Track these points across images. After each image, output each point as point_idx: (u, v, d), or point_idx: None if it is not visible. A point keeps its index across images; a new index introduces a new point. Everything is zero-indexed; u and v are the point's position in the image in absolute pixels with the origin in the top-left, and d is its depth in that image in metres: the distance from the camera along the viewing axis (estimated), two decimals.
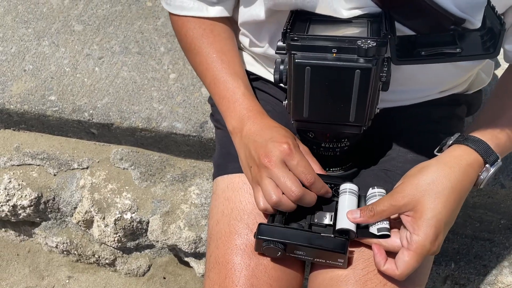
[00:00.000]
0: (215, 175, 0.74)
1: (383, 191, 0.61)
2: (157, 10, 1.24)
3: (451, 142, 0.61)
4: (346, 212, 0.59)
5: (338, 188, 0.63)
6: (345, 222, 0.59)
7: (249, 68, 0.78)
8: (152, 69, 1.14)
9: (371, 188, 0.62)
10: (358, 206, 0.61)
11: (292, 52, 0.55)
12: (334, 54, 0.54)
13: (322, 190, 0.61)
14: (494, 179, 0.93)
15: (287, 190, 0.57)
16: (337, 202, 0.62)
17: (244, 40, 0.74)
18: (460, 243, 1.04)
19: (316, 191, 0.60)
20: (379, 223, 0.58)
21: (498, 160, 0.58)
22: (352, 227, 0.59)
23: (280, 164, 0.58)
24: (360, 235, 0.59)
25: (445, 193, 0.55)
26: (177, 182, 1.11)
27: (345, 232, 0.59)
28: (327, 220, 0.61)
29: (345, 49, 0.53)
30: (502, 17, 0.55)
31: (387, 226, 0.58)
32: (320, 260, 0.60)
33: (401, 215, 0.57)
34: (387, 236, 0.58)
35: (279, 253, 0.60)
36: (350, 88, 0.55)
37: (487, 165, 0.58)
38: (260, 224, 0.60)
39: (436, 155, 0.61)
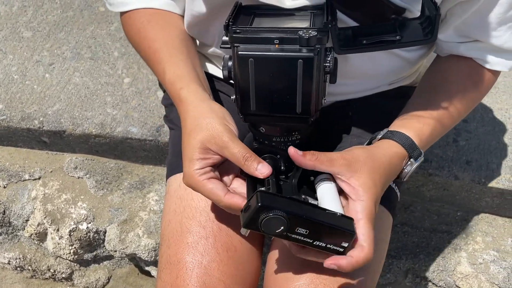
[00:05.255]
0: (168, 175, 0.72)
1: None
2: (110, 15, 1.22)
3: (380, 136, 0.63)
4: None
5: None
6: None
7: None
8: (106, 74, 1.11)
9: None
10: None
11: (235, 44, 0.55)
12: (277, 45, 0.54)
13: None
14: (416, 173, 0.97)
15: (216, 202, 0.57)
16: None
17: None
18: (419, 236, 1.06)
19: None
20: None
21: (421, 156, 0.62)
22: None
23: (194, 185, 0.57)
24: None
25: (380, 172, 0.57)
26: (135, 189, 1.08)
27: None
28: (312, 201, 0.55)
29: (287, 39, 0.53)
30: (438, 3, 0.57)
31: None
32: (320, 244, 0.51)
33: (341, 182, 0.55)
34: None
35: (282, 227, 0.48)
36: (294, 79, 0.55)
37: (411, 160, 0.61)
38: (259, 191, 0.50)
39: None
